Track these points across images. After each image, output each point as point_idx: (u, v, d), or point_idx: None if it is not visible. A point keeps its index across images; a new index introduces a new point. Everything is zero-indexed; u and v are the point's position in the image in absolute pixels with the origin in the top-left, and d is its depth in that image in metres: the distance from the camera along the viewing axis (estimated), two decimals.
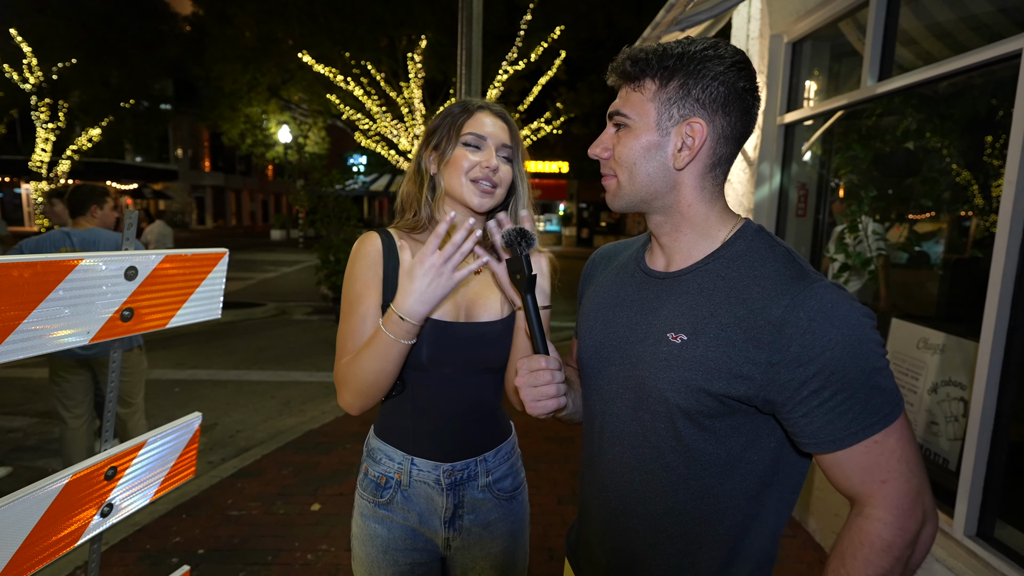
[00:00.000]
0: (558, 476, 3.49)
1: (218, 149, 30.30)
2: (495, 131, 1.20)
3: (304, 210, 14.53)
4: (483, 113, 1.21)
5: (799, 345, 0.76)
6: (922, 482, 0.79)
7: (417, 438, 1.23)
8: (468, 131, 1.18)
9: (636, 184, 0.88)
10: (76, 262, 0.86)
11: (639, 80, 0.87)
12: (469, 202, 1.18)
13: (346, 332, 1.18)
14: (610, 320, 0.98)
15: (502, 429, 1.31)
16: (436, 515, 1.23)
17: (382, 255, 1.19)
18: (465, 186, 1.18)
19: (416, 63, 11.86)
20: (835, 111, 3.07)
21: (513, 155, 1.23)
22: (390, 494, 1.23)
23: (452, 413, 1.22)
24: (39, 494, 0.87)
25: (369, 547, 1.25)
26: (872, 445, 0.77)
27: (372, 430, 1.31)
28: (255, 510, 3.04)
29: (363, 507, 1.26)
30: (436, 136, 1.22)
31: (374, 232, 1.23)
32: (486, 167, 1.17)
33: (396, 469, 1.23)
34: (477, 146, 1.18)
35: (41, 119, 16.04)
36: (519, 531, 1.32)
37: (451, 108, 1.23)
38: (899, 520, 0.77)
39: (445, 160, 1.19)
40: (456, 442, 1.23)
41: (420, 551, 1.26)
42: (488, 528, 1.27)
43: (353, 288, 1.18)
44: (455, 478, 1.23)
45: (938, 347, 2.40)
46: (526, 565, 1.37)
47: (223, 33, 16.78)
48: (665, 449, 0.88)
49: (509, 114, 1.26)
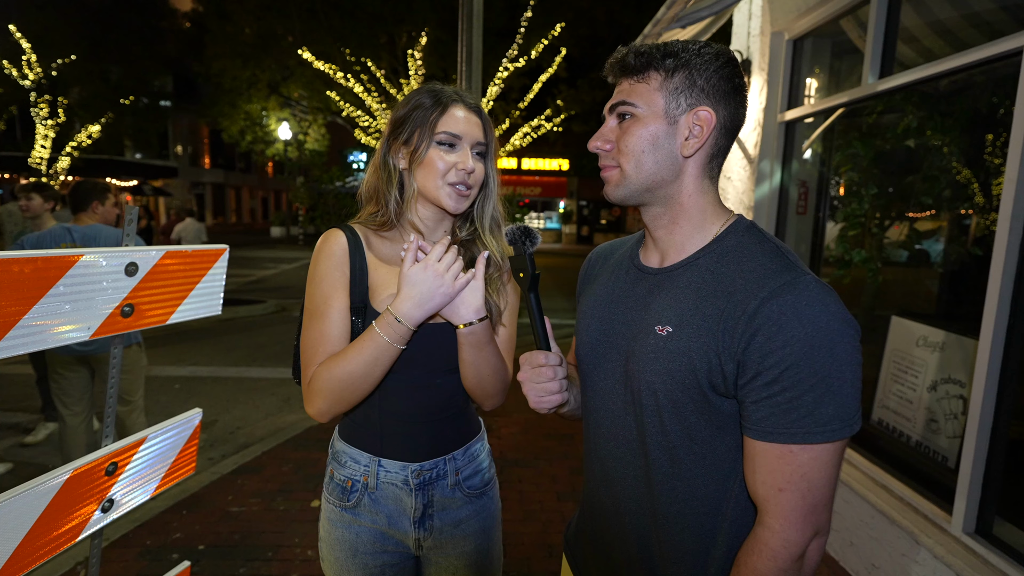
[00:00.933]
0: (557, 472, 3.50)
1: (218, 146, 30.26)
2: (469, 128, 1.15)
3: (304, 207, 14.54)
4: (457, 108, 1.15)
5: (764, 336, 0.76)
6: (819, 503, 0.78)
7: (384, 439, 1.19)
8: (442, 129, 1.13)
9: (642, 173, 0.89)
10: (77, 258, 0.86)
11: (643, 72, 0.88)
12: (444, 205, 1.15)
13: (315, 337, 1.12)
14: (605, 317, 0.99)
15: (471, 427, 1.30)
16: (405, 516, 1.21)
17: (348, 254, 1.14)
18: (441, 189, 1.14)
19: (416, 60, 11.85)
20: (836, 108, 3.06)
21: (487, 151, 1.19)
22: (356, 497, 1.20)
23: (421, 413, 1.20)
24: (40, 490, 0.88)
25: (337, 551, 1.22)
26: (786, 453, 0.77)
27: (336, 432, 1.27)
28: (255, 506, 3.05)
29: (329, 511, 1.23)
30: (405, 130, 1.16)
31: (338, 229, 1.17)
32: (462, 169, 1.13)
33: (362, 472, 1.20)
34: (452, 145, 1.14)
35: (41, 115, 16.02)
36: (491, 527, 1.31)
37: (421, 99, 1.16)
38: (785, 531, 0.78)
39: (418, 159, 1.14)
40: (424, 442, 1.20)
41: (390, 553, 1.23)
42: (459, 526, 1.25)
43: (319, 290, 1.13)
44: (424, 478, 1.20)
45: (938, 345, 2.40)
46: (501, 562, 1.36)
47: (223, 29, 16.76)
48: (652, 445, 0.89)
49: (482, 106, 1.20)
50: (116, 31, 19.28)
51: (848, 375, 0.75)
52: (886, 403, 2.65)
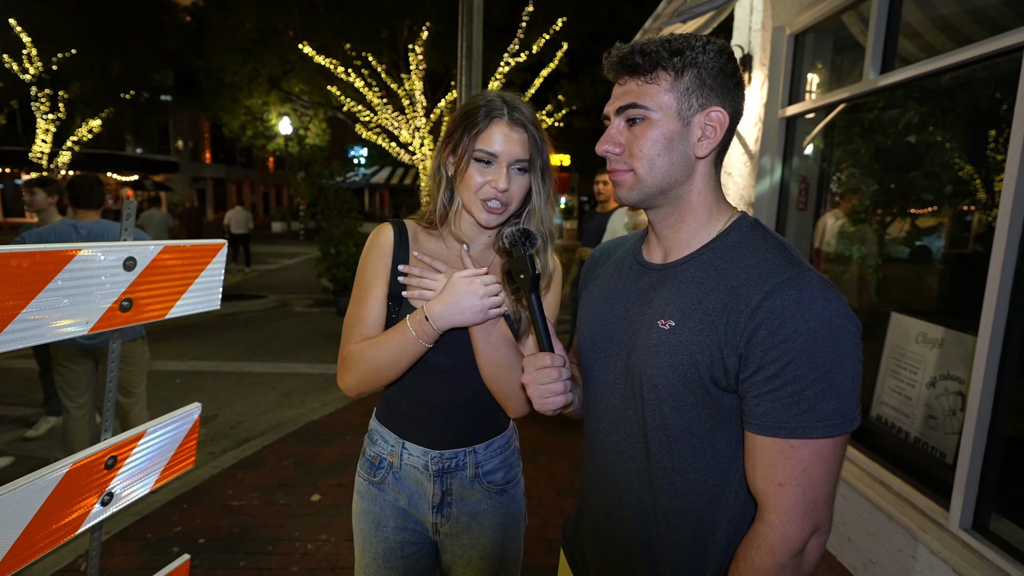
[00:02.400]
0: (557, 468, 3.51)
1: (219, 141, 30.23)
2: (508, 148, 1.15)
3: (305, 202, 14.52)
4: (498, 126, 1.15)
5: (767, 330, 0.77)
6: (820, 498, 0.78)
7: (409, 424, 1.26)
8: (480, 147, 1.15)
9: (656, 175, 0.88)
10: (75, 252, 0.86)
11: (651, 72, 0.87)
12: (477, 219, 1.20)
13: (355, 318, 1.21)
14: (607, 312, 0.99)
15: (497, 424, 1.32)
16: (425, 500, 1.26)
17: (392, 247, 1.22)
18: (475, 204, 1.18)
19: (417, 55, 11.80)
20: (837, 104, 3.05)
21: (531, 166, 1.19)
22: (383, 474, 1.28)
23: (445, 406, 1.25)
24: (40, 483, 0.88)
25: (363, 522, 1.30)
26: (787, 448, 0.77)
27: (375, 412, 1.36)
28: (255, 500, 3.06)
29: (359, 484, 1.32)
30: (453, 139, 1.20)
31: (389, 224, 1.26)
32: (494, 187, 1.15)
33: (389, 451, 1.27)
34: (488, 162, 1.16)
35: (41, 110, 15.98)
36: (511, 524, 1.33)
37: (473, 109, 1.18)
38: (785, 526, 0.78)
39: (460, 172, 1.19)
40: (446, 432, 1.26)
41: (410, 531, 1.29)
42: (476, 518, 1.28)
43: (364, 277, 1.22)
44: (442, 466, 1.25)
45: (937, 341, 2.40)
46: (519, 559, 1.38)
47: (223, 24, 16.70)
48: (652, 440, 0.89)
49: (532, 118, 1.18)
50: (116, 25, 19.22)
51: (849, 371, 0.76)
52: (885, 399, 2.65)
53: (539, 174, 1.22)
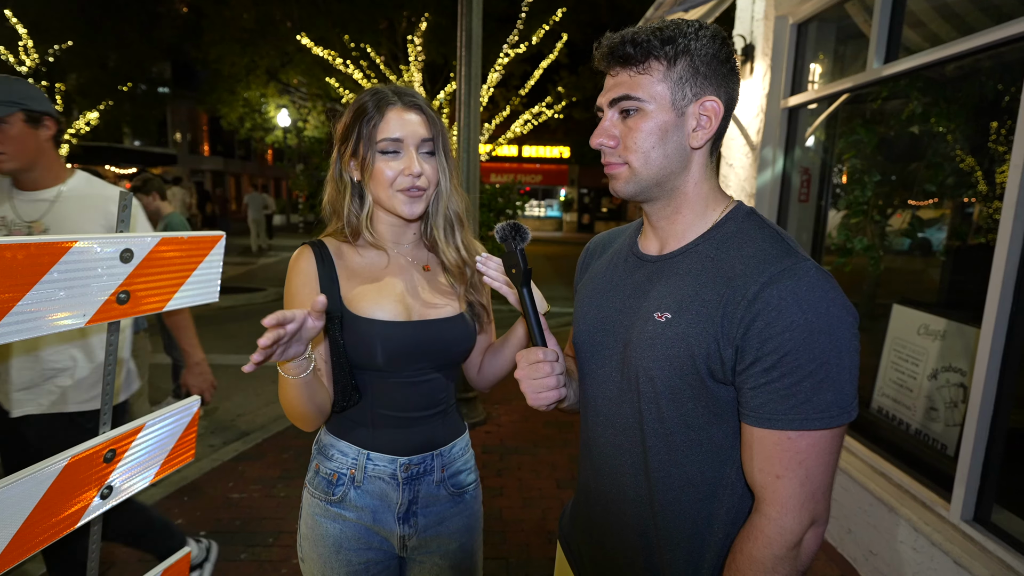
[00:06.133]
0: (557, 460, 3.52)
1: (217, 133, 30.05)
2: (411, 129, 1.13)
3: (304, 195, 14.47)
4: (393, 111, 1.13)
5: (763, 321, 0.76)
6: (817, 490, 0.78)
7: (375, 434, 1.20)
8: (382, 137, 1.12)
9: (651, 168, 0.87)
10: (70, 244, 0.85)
11: (643, 62, 0.85)
12: (400, 213, 1.17)
13: None
14: (603, 305, 0.98)
15: (458, 425, 1.31)
16: (390, 511, 1.20)
17: (316, 270, 1.16)
18: (394, 198, 1.15)
19: (416, 46, 11.73)
20: (840, 94, 3.03)
21: (435, 146, 1.17)
22: (342, 491, 1.19)
23: (411, 409, 1.21)
24: (39, 476, 0.87)
25: (320, 547, 1.21)
26: (784, 439, 0.77)
27: (324, 426, 1.27)
28: (256, 493, 3.06)
29: (314, 506, 1.22)
30: (351, 141, 1.15)
31: (306, 246, 1.19)
32: (409, 174, 1.13)
33: (350, 465, 1.20)
34: (395, 151, 1.13)
35: None
36: (474, 527, 1.32)
37: (363, 105, 1.14)
38: (782, 518, 0.78)
39: (368, 172, 1.15)
40: (414, 436, 1.21)
41: (375, 550, 1.22)
42: (443, 523, 1.25)
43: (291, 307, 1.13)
44: (412, 472, 1.21)
45: (939, 333, 2.39)
46: (481, 562, 1.37)
47: (220, 15, 16.56)
48: (649, 432, 0.88)
49: (424, 100, 1.18)
50: (113, 16, 19.06)
51: (847, 362, 0.75)
52: (886, 391, 2.65)
53: (443, 155, 1.19)
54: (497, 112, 12.76)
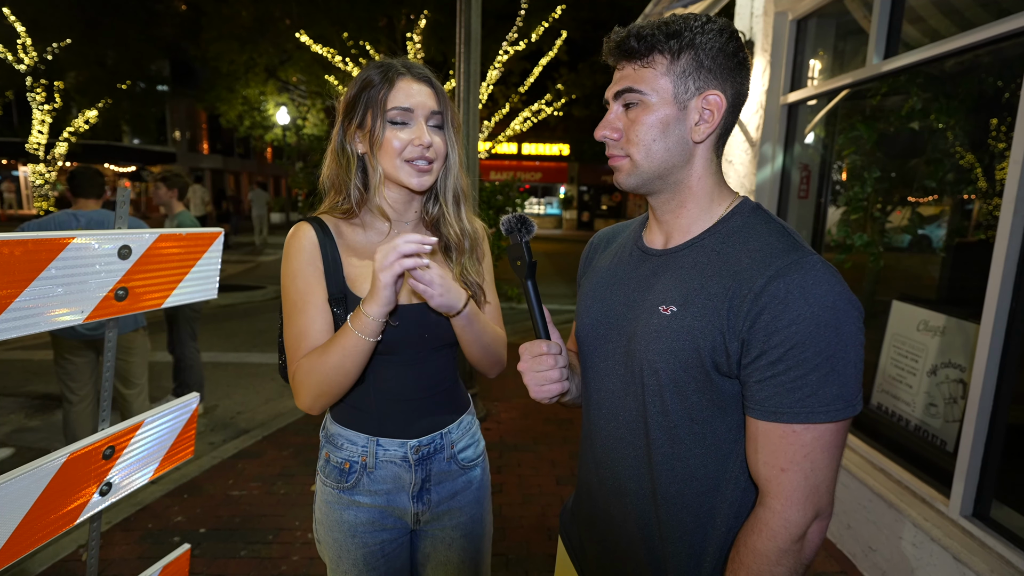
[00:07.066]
0: (557, 457, 3.52)
1: (216, 131, 30.00)
2: (422, 100, 1.12)
3: (303, 193, 14.45)
4: (405, 80, 1.11)
5: (770, 315, 0.76)
6: (822, 483, 0.78)
7: (382, 419, 1.20)
8: (393, 106, 1.10)
9: (653, 161, 0.87)
10: (68, 240, 0.85)
11: (647, 56, 0.85)
12: (407, 184, 1.15)
13: (296, 333, 1.12)
14: (607, 298, 0.98)
15: (462, 401, 1.32)
16: (404, 492, 1.22)
17: (318, 247, 1.13)
18: (401, 168, 1.13)
19: (415, 43, 11.70)
20: (840, 90, 3.02)
21: (443, 121, 1.16)
22: (355, 478, 1.20)
23: (416, 391, 1.21)
24: (38, 472, 0.87)
25: (336, 532, 1.23)
26: (789, 433, 0.77)
27: (329, 416, 1.28)
28: (256, 490, 3.07)
29: (327, 494, 1.23)
30: (357, 112, 1.13)
31: (305, 223, 1.16)
32: (419, 145, 1.11)
33: (360, 452, 1.20)
34: (405, 122, 1.12)
35: (37, 100, 15.86)
36: (483, 498, 1.34)
37: (369, 76, 1.13)
38: (786, 511, 0.78)
39: (376, 142, 1.13)
40: (421, 418, 1.22)
41: (389, 530, 1.24)
42: (455, 498, 1.28)
43: (295, 286, 1.12)
44: (422, 453, 1.22)
45: (938, 329, 2.39)
46: (491, 534, 1.40)
47: (219, 12, 16.52)
48: (652, 426, 0.88)
49: (433, 75, 1.17)
50: (112, 14, 19.01)
51: (852, 355, 0.76)
52: (886, 387, 2.65)
53: (451, 130, 1.19)
54: (496, 109, 12.73)
